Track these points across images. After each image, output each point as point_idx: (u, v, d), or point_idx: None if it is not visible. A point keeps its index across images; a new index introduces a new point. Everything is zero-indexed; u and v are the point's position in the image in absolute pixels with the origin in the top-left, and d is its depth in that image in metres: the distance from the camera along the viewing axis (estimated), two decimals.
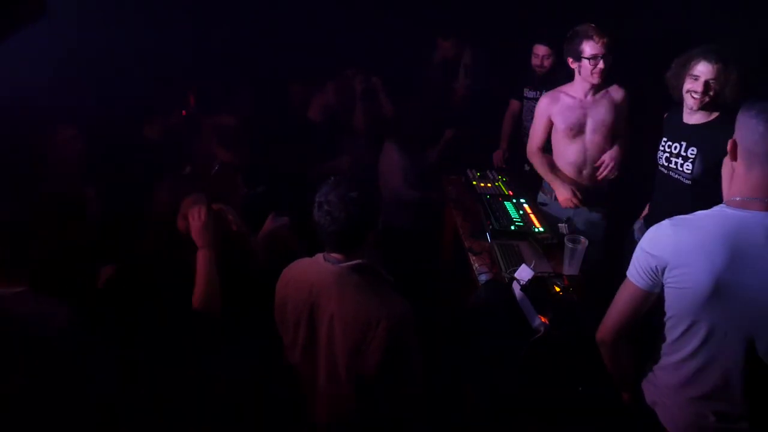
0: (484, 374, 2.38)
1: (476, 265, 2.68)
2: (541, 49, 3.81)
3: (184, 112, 3.80)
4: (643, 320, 1.67)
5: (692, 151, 2.58)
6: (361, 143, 4.04)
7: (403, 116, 3.88)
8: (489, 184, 3.41)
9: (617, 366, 1.80)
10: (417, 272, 3.24)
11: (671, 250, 1.52)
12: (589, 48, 2.84)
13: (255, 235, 2.51)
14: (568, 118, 3.01)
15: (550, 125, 3.13)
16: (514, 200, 3.16)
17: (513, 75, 4.20)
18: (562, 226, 2.92)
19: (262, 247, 2.53)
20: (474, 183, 3.42)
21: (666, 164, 2.72)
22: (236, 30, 4.50)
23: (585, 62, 2.87)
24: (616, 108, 3.01)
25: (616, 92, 3.02)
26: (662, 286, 1.58)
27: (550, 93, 3.13)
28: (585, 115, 3.00)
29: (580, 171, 3.11)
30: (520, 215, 2.97)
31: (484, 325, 2.31)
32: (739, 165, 1.55)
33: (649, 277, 1.58)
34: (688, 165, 2.60)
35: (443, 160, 3.99)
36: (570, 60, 2.94)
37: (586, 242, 2.51)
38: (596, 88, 2.98)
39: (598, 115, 3.00)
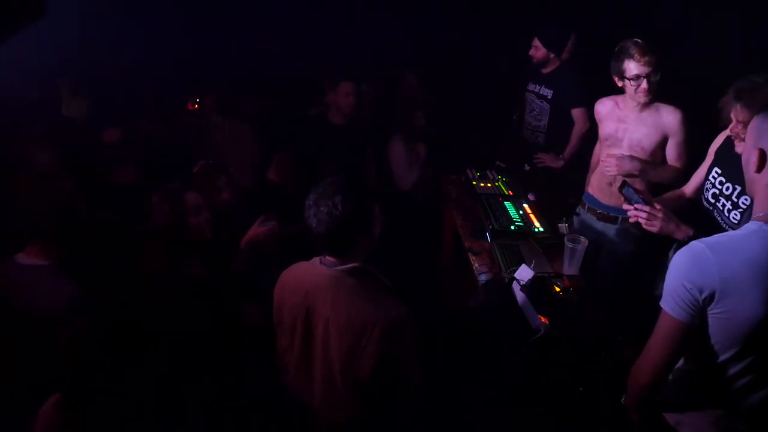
0: (483, 374, 2.37)
1: (476, 265, 2.68)
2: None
3: (195, 105, 3.81)
4: None
5: (745, 201, 2.11)
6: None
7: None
8: (489, 184, 3.40)
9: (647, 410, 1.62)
10: (417, 272, 3.24)
11: (717, 279, 1.36)
12: (631, 67, 2.64)
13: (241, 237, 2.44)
14: (607, 127, 2.90)
15: None
16: (514, 200, 3.16)
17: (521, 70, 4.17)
18: (563, 226, 2.91)
19: (246, 249, 2.40)
20: (474, 183, 3.41)
21: (712, 200, 2.29)
22: (239, 31, 4.50)
23: (628, 82, 2.68)
24: (661, 131, 2.76)
25: (669, 114, 2.73)
26: (703, 316, 1.43)
27: (605, 98, 2.96)
28: (625, 130, 2.83)
29: (609, 184, 2.92)
30: (520, 215, 2.97)
31: (484, 326, 2.31)
32: None
33: (692, 308, 1.41)
34: (735, 214, 2.14)
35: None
36: (616, 78, 2.74)
37: (586, 242, 2.51)
38: (642, 106, 2.75)
39: (637, 134, 2.79)
